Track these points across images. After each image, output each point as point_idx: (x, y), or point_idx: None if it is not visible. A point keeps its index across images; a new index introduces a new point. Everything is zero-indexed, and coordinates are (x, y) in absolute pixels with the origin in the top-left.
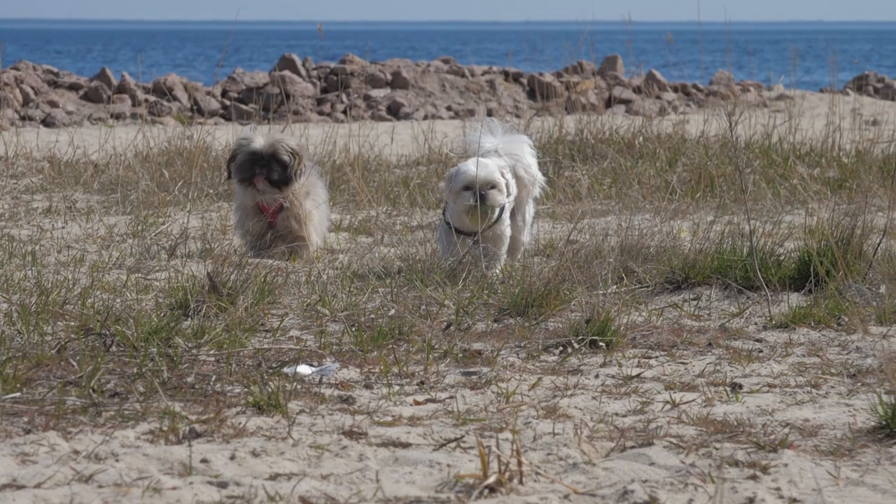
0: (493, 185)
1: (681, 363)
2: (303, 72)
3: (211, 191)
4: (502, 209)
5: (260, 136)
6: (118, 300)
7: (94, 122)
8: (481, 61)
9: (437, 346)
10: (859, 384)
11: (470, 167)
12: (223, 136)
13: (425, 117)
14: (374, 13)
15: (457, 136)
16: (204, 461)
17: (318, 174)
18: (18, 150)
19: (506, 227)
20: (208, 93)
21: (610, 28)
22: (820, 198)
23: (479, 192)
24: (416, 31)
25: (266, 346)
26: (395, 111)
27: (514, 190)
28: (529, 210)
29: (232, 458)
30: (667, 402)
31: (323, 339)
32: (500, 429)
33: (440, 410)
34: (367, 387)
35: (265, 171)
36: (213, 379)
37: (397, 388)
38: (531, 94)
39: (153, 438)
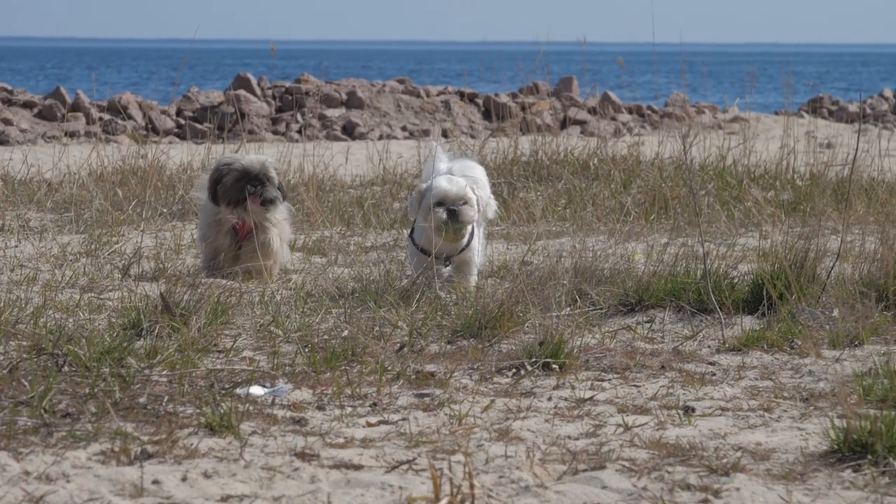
0: (465, 201)
1: (634, 386)
2: (258, 91)
3: (165, 210)
4: (472, 235)
5: (246, 157)
6: (71, 320)
7: (48, 141)
8: (437, 82)
9: (390, 368)
10: (812, 408)
11: (442, 183)
12: (177, 155)
13: (380, 137)
14: (329, 33)
15: (411, 157)
16: (155, 482)
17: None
18: None
19: (474, 254)
20: (163, 111)
21: (565, 49)
22: (774, 221)
23: (452, 207)
24: (371, 51)
25: (219, 366)
26: (349, 131)
27: (483, 208)
28: (482, 232)
29: (184, 479)
30: (619, 426)
31: (276, 360)
32: (452, 451)
33: (393, 432)
34: (320, 408)
35: (260, 189)
36: (166, 399)
37: (350, 409)
38: (486, 115)
39: (105, 459)
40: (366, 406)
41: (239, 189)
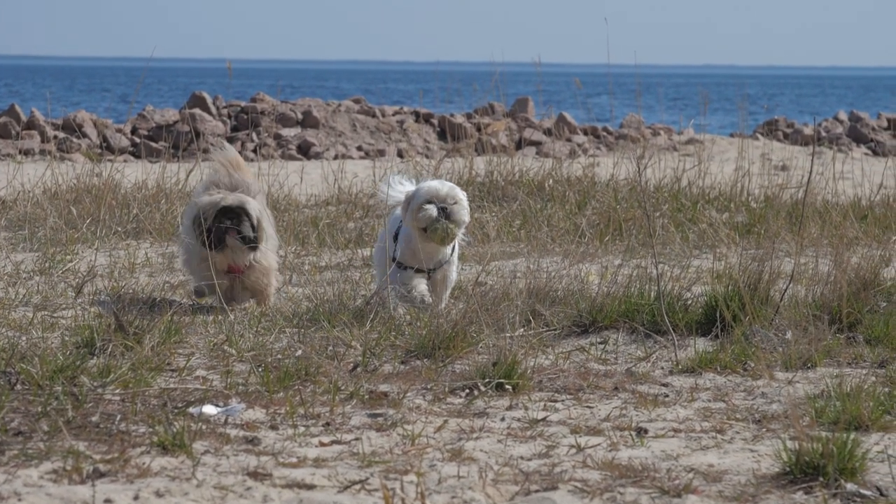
0: (456, 201)
1: (587, 407)
2: (213, 110)
3: (119, 228)
4: (454, 248)
5: (224, 193)
6: (24, 338)
7: (2, 159)
8: (393, 101)
9: (343, 388)
10: (764, 430)
11: (432, 182)
12: (132, 173)
13: (336, 157)
14: (284, 52)
15: (366, 177)
16: (108, 501)
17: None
18: None
19: (453, 269)
20: (118, 130)
21: (520, 70)
22: (728, 242)
23: (442, 206)
24: (327, 71)
25: (172, 385)
26: (305, 150)
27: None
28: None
29: (136, 498)
30: (572, 446)
31: (229, 380)
32: (405, 471)
33: (345, 452)
34: (273, 427)
35: (236, 225)
36: (118, 418)
37: (303, 429)
38: (442, 135)
39: (57, 478)
40: (319, 426)
41: (216, 228)
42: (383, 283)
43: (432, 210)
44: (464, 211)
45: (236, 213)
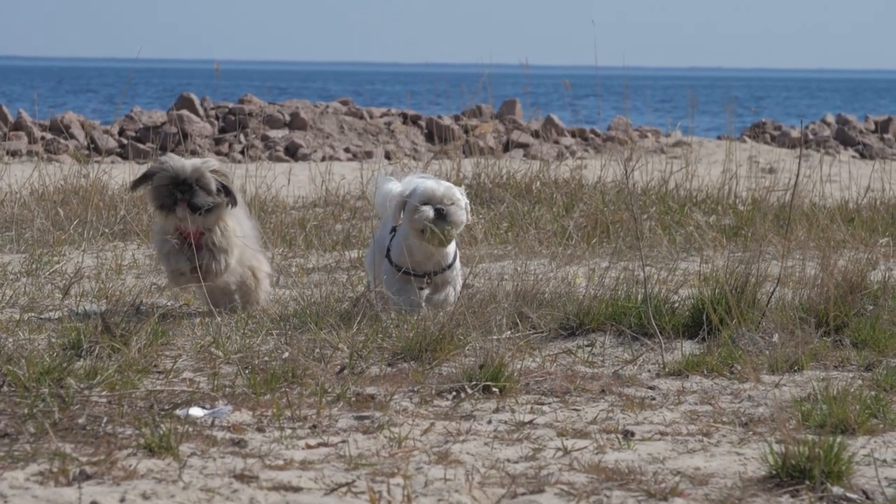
0: (453, 202)
1: (574, 410)
2: (201, 111)
3: (106, 230)
4: (455, 255)
5: (180, 160)
6: (10, 339)
7: None
8: (380, 103)
9: (330, 390)
10: (751, 433)
11: (428, 182)
12: (120, 174)
13: (323, 158)
14: (271, 52)
15: (354, 179)
16: (94, 503)
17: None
18: None
19: (457, 274)
20: (106, 131)
21: (508, 72)
22: (715, 245)
23: (439, 207)
24: (314, 72)
25: (159, 387)
26: (292, 152)
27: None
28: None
29: (122, 500)
30: (559, 449)
31: (216, 382)
32: (391, 474)
33: (332, 454)
34: (260, 430)
35: (188, 196)
36: (105, 420)
37: (290, 431)
38: (429, 137)
39: (43, 480)
40: (305, 428)
41: (168, 194)
42: (394, 292)
43: (428, 211)
44: (461, 212)
45: (188, 184)
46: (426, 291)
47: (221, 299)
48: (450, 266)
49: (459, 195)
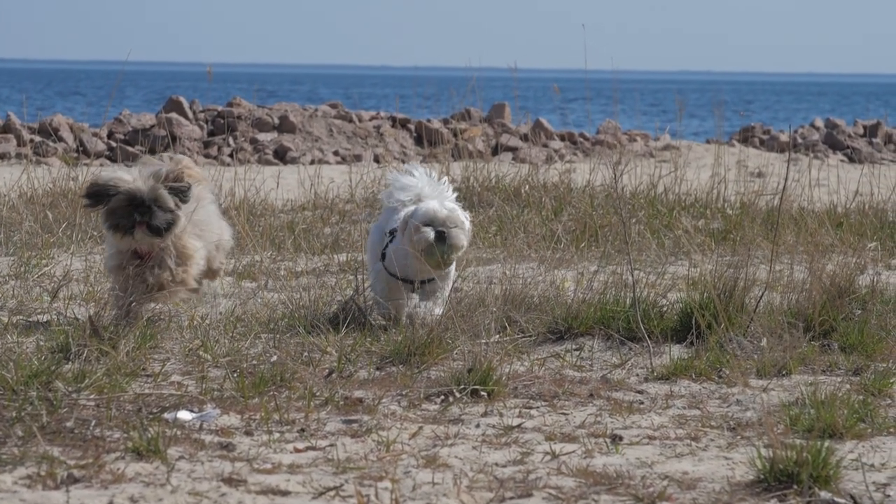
0: (456, 225)
1: (562, 414)
2: (190, 114)
3: (95, 233)
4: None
5: (138, 177)
6: None
7: None
8: (369, 106)
9: (318, 394)
10: (739, 437)
11: (432, 203)
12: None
13: (312, 162)
14: (260, 55)
15: (343, 182)
16: None
17: (211, 200)
18: None
19: (449, 281)
20: (94, 134)
21: (497, 75)
22: (704, 249)
23: (440, 229)
24: (303, 75)
25: (147, 391)
26: (281, 155)
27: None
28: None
29: None
30: (547, 453)
31: (204, 385)
32: (379, 477)
33: (320, 458)
34: (248, 433)
35: (147, 217)
36: (93, 424)
37: (278, 435)
38: (419, 141)
39: (31, 483)
40: (293, 432)
41: (124, 215)
42: (383, 298)
43: (429, 234)
44: (463, 235)
45: (146, 205)
46: (415, 298)
47: (183, 295)
48: (442, 274)
49: (464, 218)
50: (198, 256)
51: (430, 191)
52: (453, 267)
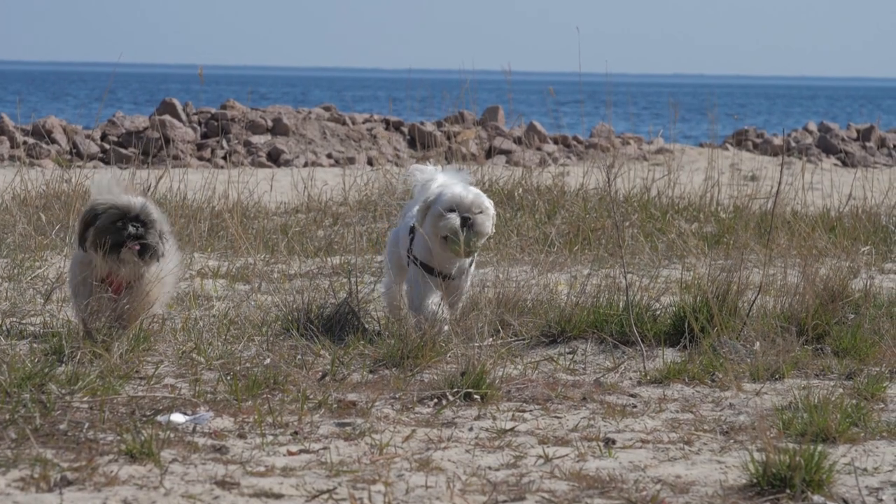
0: (482, 210)
1: (555, 417)
2: (183, 116)
3: None
4: (473, 257)
5: (125, 194)
6: None
7: None
8: (363, 109)
9: (311, 397)
10: (732, 441)
11: (456, 188)
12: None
13: (305, 164)
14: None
15: (336, 185)
16: None
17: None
18: None
19: (469, 276)
20: (88, 136)
21: (490, 78)
22: (697, 253)
23: (466, 215)
24: (297, 77)
25: (140, 393)
26: (275, 158)
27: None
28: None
29: None
30: (540, 457)
31: (197, 388)
32: (372, 481)
33: (314, 461)
34: (241, 436)
35: (140, 235)
36: (86, 426)
37: (271, 438)
38: (412, 143)
39: (24, 486)
40: (287, 435)
41: (116, 230)
42: (418, 291)
43: (454, 220)
44: (489, 221)
45: (139, 223)
46: (436, 296)
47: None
48: (465, 269)
49: (488, 203)
50: (165, 297)
51: (450, 178)
52: (473, 265)
